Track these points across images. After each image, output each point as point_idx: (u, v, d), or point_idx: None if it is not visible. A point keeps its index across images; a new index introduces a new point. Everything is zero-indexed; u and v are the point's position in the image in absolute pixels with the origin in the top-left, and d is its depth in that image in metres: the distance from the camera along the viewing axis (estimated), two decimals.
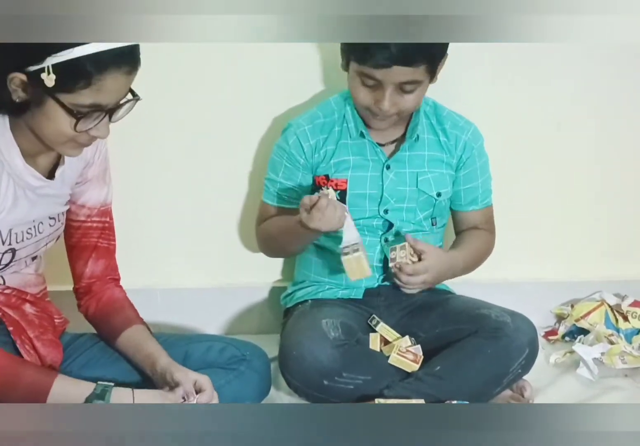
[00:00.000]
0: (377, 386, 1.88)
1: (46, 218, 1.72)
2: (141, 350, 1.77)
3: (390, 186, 2.03)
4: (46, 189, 1.67)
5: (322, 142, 2.05)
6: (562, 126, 2.34)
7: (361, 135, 2.02)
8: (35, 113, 1.55)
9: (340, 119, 2.05)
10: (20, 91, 1.51)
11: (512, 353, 1.91)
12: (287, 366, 1.91)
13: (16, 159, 1.61)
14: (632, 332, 2.23)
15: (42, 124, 1.56)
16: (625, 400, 2.04)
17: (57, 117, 1.54)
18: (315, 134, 2.04)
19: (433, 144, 2.07)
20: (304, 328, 1.94)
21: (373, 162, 2.04)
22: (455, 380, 1.89)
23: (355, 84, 1.93)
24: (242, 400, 1.83)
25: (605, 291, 2.35)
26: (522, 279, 2.38)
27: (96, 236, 1.84)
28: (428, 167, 2.06)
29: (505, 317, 1.94)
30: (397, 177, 2.03)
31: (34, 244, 1.72)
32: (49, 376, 1.59)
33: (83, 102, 1.51)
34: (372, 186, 2.03)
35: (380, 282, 2.09)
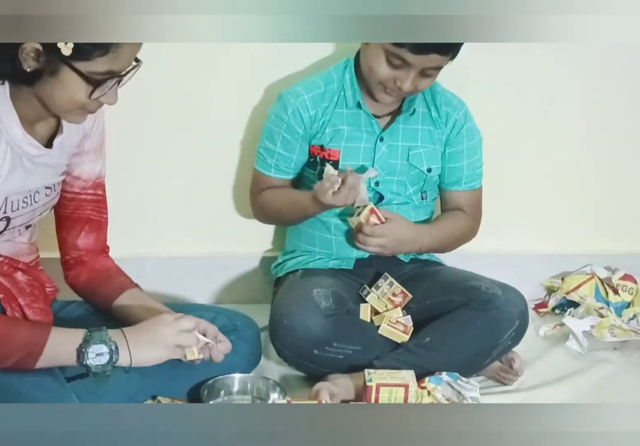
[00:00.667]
0: (367, 357, 1.89)
1: (42, 188, 1.72)
2: (143, 309, 1.80)
3: (382, 159, 2.04)
4: (44, 158, 1.68)
5: (321, 112, 2.04)
6: (555, 102, 2.35)
7: (357, 105, 2.02)
8: (47, 81, 1.55)
9: (339, 88, 2.05)
10: (31, 60, 1.51)
11: (502, 325, 1.92)
12: (278, 335, 1.92)
13: (15, 128, 1.61)
14: (622, 305, 2.25)
15: (54, 92, 1.56)
16: (614, 373, 2.06)
17: (72, 85, 1.54)
18: (315, 104, 2.03)
19: (426, 118, 2.08)
20: (295, 297, 1.94)
21: (367, 134, 2.04)
22: (445, 352, 1.90)
23: (378, 59, 1.92)
24: (233, 370, 1.87)
25: (596, 264, 2.36)
26: (513, 252, 2.39)
27: (90, 208, 1.84)
28: (421, 141, 2.07)
29: (496, 289, 1.95)
30: (390, 150, 2.04)
31: (29, 213, 1.72)
32: (44, 331, 1.59)
33: (99, 69, 1.53)
34: (364, 158, 2.04)
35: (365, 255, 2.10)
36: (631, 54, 2.32)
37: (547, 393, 1.96)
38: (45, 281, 1.84)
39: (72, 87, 1.55)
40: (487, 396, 1.91)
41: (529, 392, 1.96)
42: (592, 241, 2.43)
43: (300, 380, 1.96)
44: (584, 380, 2.02)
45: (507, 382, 1.98)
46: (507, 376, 1.98)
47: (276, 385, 1.86)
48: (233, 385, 1.87)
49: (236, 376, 1.87)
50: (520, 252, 2.39)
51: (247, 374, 1.89)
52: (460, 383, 1.86)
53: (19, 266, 1.77)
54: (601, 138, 2.43)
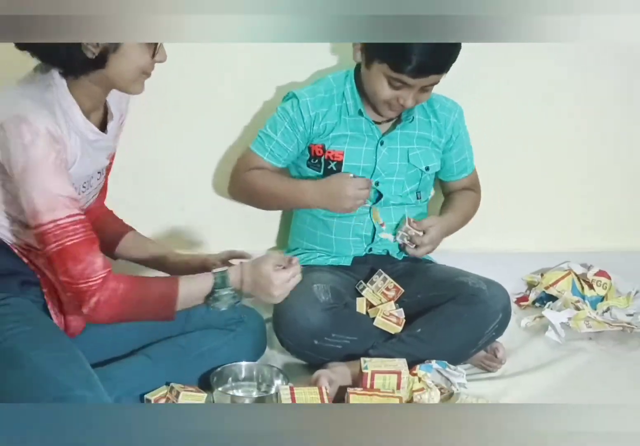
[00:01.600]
0: (362, 346, 1.92)
1: (95, 173, 1.76)
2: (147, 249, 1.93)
3: (382, 160, 2.07)
4: (101, 143, 1.71)
5: (322, 115, 2.05)
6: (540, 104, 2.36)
7: (359, 113, 2.04)
8: (111, 60, 1.58)
9: (339, 96, 2.06)
10: (92, 47, 1.55)
11: (487, 318, 1.95)
12: (281, 327, 1.94)
13: (77, 116, 1.63)
14: (596, 299, 2.26)
15: (121, 65, 1.60)
16: (589, 361, 2.09)
17: (134, 53, 1.59)
18: (315, 107, 2.05)
19: (423, 125, 2.10)
20: (297, 292, 1.86)
21: (368, 138, 2.06)
22: (435, 342, 1.93)
23: (381, 83, 1.94)
24: (239, 359, 1.90)
25: (572, 261, 2.35)
26: (497, 250, 2.38)
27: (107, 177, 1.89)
28: (416, 144, 2.10)
29: (481, 284, 1.97)
30: (389, 153, 2.08)
31: (85, 198, 1.76)
32: (174, 284, 1.67)
33: None
34: (365, 160, 2.07)
35: (368, 251, 2.12)
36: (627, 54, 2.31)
37: (528, 380, 1.97)
38: None
39: (135, 54, 1.59)
40: (473, 383, 1.93)
41: (511, 378, 1.97)
42: (569, 240, 2.41)
43: (302, 368, 1.97)
44: (561, 367, 2.04)
45: (491, 369, 2.00)
46: (491, 364, 2.00)
47: (279, 372, 1.88)
48: (240, 372, 1.89)
49: (243, 364, 1.89)
50: (503, 250, 2.37)
51: (252, 362, 1.91)
52: (449, 371, 1.90)
53: None
54: (577, 148, 2.41)
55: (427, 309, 2.00)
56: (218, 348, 1.86)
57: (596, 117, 2.40)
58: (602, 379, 2.02)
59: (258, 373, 1.91)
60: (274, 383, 1.88)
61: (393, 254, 2.15)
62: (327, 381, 1.82)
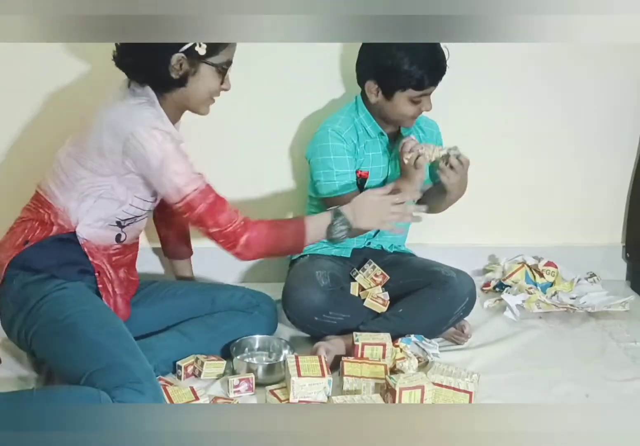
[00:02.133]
0: (354, 323, 1.90)
1: None
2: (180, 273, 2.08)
3: (391, 174, 2.03)
4: (182, 144, 1.70)
5: (355, 142, 1.97)
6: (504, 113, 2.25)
7: (380, 134, 1.99)
8: (192, 82, 1.61)
9: (358, 125, 1.97)
10: (177, 68, 1.57)
11: (456, 300, 1.94)
12: (288, 305, 1.93)
13: (171, 127, 1.65)
14: (546, 285, 2.24)
15: (197, 87, 1.62)
16: (540, 336, 2.07)
17: (209, 77, 1.61)
18: (352, 135, 1.97)
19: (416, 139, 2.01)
20: (302, 277, 1.95)
21: (383, 156, 2.01)
22: (413, 320, 1.91)
23: (404, 106, 1.89)
24: (255, 334, 1.88)
25: (526, 254, 2.33)
26: (465, 245, 2.35)
27: None
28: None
29: (452, 273, 1.97)
30: (396, 169, 2.02)
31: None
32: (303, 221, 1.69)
33: (223, 60, 1.61)
34: (381, 175, 2.02)
35: (367, 245, 2.10)
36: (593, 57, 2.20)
37: (489, 351, 1.96)
38: (135, 274, 1.85)
39: (209, 79, 1.61)
40: (445, 353, 1.92)
41: (475, 350, 1.97)
42: (524, 236, 2.38)
43: (305, 340, 1.97)
44: (516, 341, 2.03)
45: (459, 342, 1.99)
46: (459, 338, 1.99)
47: (287, 343, 1.87)
48: (255, 343, 1.88)
49: (257, 337, 1.88)
50: (469, 245, 2.34)
51: (265, 335, 1.89)
52: (425, 343, 1.89)
53: (124, 262, 1.77)
54: (529, 158, 2.34)
55: (407, 293, 1.98)
56: (239, 326, 1.85)
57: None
58: (549, 350, 2.02)
59: (269, 344, 1.90)
60: (282, 353, 1.86)
61: (385, 248, 2.14)
62: (325, 351, 1.81)
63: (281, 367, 1.77)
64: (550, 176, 2.34)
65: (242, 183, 2.22)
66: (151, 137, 1.56)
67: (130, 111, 1.59)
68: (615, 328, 2.11)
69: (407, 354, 1.82)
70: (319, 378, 1.64)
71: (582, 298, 2.19)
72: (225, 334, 1.84)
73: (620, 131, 2.32)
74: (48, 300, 1.60)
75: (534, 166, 2.33)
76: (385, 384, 1.67)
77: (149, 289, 1.88)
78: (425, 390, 1.62)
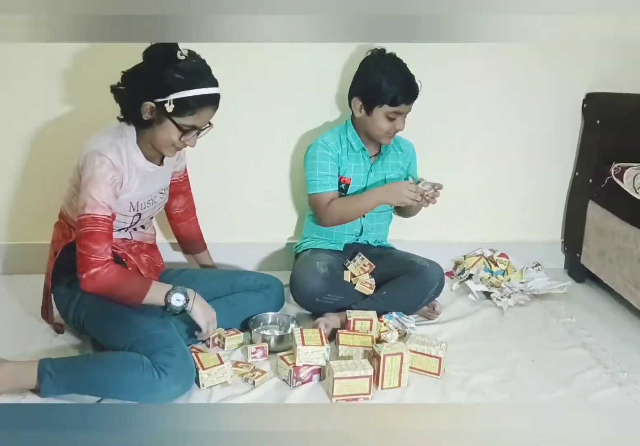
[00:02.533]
0: (347, 303, 1.91)
1: (157, 192, 1.75)
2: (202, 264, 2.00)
3: (370, 182, 2.04)
4: (158, 173, 1.70)
5: (341, 153, 1.99)
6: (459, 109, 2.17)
7: (363, 149, 2.00)
8: (155, 128, 1.57)
9: (344, 141, 1.99)
10: (148, 113, 1.54)
11: (428, 285, 1.96)
12: (294, 289, 1.94)
13: (139, 159, 1.63)
14: (498, 272, 2.24)
15: (159, 134, 1.58)
16: (496, 313, 2.06)
17: (170, 131, 1.57)
18: (337, 147, 1.99)
19: (394, 156, 2.07)
20: (305, 266, 1.96)
21: (364, 168, 2.02)
22: (394, 300, 1.93)
23: (381, 121, 1.90)
24: (268, 311, 1.88)
25: (484, 247, 2.33)
26: (435, 241, 2.31)
27: (182, 186, 1.91)
28: (391, 169, 2.06)
29: (425, 263, 1.98)
30: (375, 177, 2.04)
31: (151, 209, 1.75)
32: (148, 282, 1.58)
33: (187, 123, 1.56)
34: (362, 182, 2.03)
35: (356, 241, 2.10)
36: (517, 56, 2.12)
37: (455, 325, 1.97)
38: (158, 259, 1.86)
39: (170, 132, 1.56)
40: (420, 327, 1.93)
41: (444, 324, 1.97)
42: (482, 234, 2.35)
43: (308, 316, 1.97)
44: (477, 317, 2.04)
45: (431, 318, 2.01)
46: (431, 315, 2.01)
47: (293, 319, 1.88)
48: (268, 319, 1.89)
49: (269, 314, 1.89)
50: (439, 241, 2.31)
51: (276, 312, 1.91)
52: (404, 319, 1.91)
53: (143, 248, 1.78)
54: (490, 161, 2.29)
55: (390, 279, 1.99)
56: (254, 304, 1.85)
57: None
58: (503, 325, 2.03)
59: (279, 319, 1.90)
60: (290, 326, 1.87)
61: (370, 243, 2.13)
62: (324, 325, 1.82)
63: (289, 338, 1.78)
64: (504, 185, 2.34)
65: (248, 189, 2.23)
66: (92, 159, 1.53)
67: (97, 138, 1.59)
68: (556, 307, 2.12)
69: (389, 327, 1.83)
70: (319, 346, 1.65)
71: (529, 283, 2.20)
72: (244, 310, 1.85)
73: (560, 149, 2.30)
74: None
75: (490, 177, 2.32)
76: (372, 351, 1.69)
77: (181, 276, 1.88)
78: (404, 355, 1.63)
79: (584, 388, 1.68)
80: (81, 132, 1.70)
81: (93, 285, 1.53)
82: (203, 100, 1.53)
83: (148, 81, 1.51)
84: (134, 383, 1.48)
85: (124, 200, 1.63)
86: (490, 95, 2.20)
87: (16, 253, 2.13)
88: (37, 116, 2.04)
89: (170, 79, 1.50)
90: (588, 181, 2.19)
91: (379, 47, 1.96)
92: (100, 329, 1.64)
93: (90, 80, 1.94)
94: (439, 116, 2.20)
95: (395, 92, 1.86)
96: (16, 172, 2.09)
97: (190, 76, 1.51)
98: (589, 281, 2.28)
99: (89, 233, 1.53)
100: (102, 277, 1.52)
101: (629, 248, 1.99)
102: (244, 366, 1.69)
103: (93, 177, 1.54)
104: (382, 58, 1.93)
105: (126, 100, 1.57)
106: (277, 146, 2.19)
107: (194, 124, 1.57)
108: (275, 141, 2.18)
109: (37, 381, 1.50)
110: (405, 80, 1.88)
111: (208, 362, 1.64)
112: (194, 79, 1.51)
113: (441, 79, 2.15)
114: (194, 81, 1.51)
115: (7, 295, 2.02)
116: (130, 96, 1.55)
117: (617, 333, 1.97)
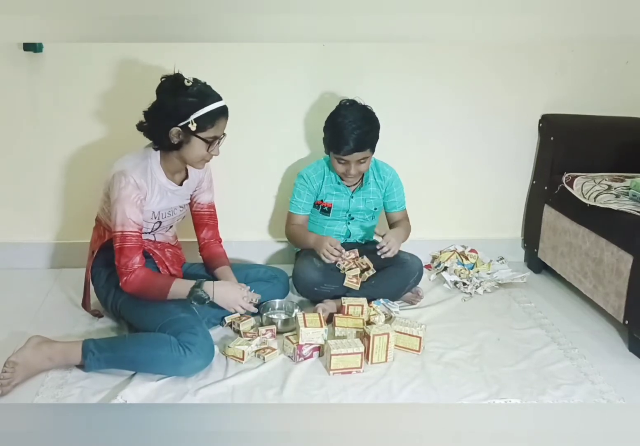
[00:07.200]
0: (342, 291, 1.90)
1: (177, 207, 1.75)
2: (225, 277, 1.79)
3: (352, 206, 2.02)
4: (177, 192, 1.71)
5: (319, 184, 1.99)
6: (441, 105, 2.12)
7: (338, 182, 1.99)
8: (185, 147, 1.57)
9: (326, 173, 1.99)
10: (175, 137, 1.55)
11: (410, 275, 1.95)
12: (296, 281, 1.94)
13: (162, 178, 1.65)
14: (470, 265, 2.23)
15: (190, 152, 1.58)
16: (465, 299, 2.04)
17: (198, 146, 1.57)
18: (317, 179, 1.99)
19: (374, 184, 2.02)
20: (304, 262, 1.94)
21: (345, 195, 2.01)
22: (382, 288, 1.92)
23: (334, 162, 1.91)
24: (275, 297, 1.87)
25: (456, 244, 2.32)
26: (416, 238, 2.15)
27: (206, 218, 1.85)
28: (371, 195, 2.02)
29: (407, 256, 1.97)
30: (356, 202, 2.02)
31: (171, 219, 1.76)
32: (171, 280, 1.60)
33: (210, 135, 1.56)
34: (344, 206, 2.02)
35: (344, 241, 2.04)
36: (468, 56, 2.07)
37: (433, 309, 1.97)
38: (181, 254, 1.85)
39: (198, 147, 1.57)
40: (403, 311, 1.92)
41: (424, 308, 1.96)
42: (456, 232, 2.33)
43: (309, 303, 1.96)
44: (451, 303, 2.03)
45: (414, 303, 1.99)
46: (414, 301, 2.00)
47: (297, 305, 1.87)
48: (275, 304, 1.88)
49: (277, 300, 1.88)
50: (419, 238, 2.20)
51: (282, 299, 1.90)
52: (389, 304, 1.91)
53: (167, 246, 1.79)
54: (459, 164, 2.25)
55: (378, 271, 1.97)
56: (264, 292, 1.82)
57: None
58: (473, 309, 2.03)
59: (285, 305, 1.90)
60: (294, 311, 1.86)
61: (359, 241, 2.10)
62: (322, 310, 1.82)
63: (293, 321, 1.78)
64: (473, 192, 2.32)
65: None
66: (118, 180, 1.55)
67: (124, 160, 1.59)
68: (517, 293, 2.12)
69: (377, 312, 1.83)
70: (319, 328, 1.66)
71: (495, 273, 2.20)
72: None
73: (520, 162, 2.28)
74: None
75: (462, 185, 2.31)
76: (363, 332, 1.70)
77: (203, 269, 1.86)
78: (390, 335, 1.65)
79: (541, 362, 1.71)
80: (114, 152, 1.72)
81: (127, 290, 1.59)
82: (217, 112, 1.55)
83: (169, 111, 1.52)
84: (163, 358, 1.50)
85: (147, 211, 1.64)
86: (463, 115, 2.20)
87: (63, 250, 2.15)
88: (83, 140, 2.06)
89: (186, 104, 1.52)
90: (543, 188, 2.20)
91: (356, 97, 1.90)
92: (134, 314, 1.65)
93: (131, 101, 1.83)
94: (416, 134, 2.20)
95: (335, 144, 1.84)
96: (63, 185, 2.11)
97: (201, 97, 1.53)
98: (545, 272, 2.28)
99: (119, 248, 1.57)
100: (131, 283, 1.56)
101: (578, 244, 2.00)
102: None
103: (119, 198, 1.55)
104: (344, 109, 1.87)
105: (155, 132, 1.59)
106: (279, 160, 2.18)
107: (215, 135, 1.58)
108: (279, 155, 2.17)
109: (81, 358, 1.53)
110: (348, 134, 1.80)
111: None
112: (204, 98, 1.53)
113: (422, 101, 2.15)
114: (205, 99, 1.53)
115: (55, 286, 2.04)
116: (158, 129, 1.56)
117: (569, 315, 1.98)
